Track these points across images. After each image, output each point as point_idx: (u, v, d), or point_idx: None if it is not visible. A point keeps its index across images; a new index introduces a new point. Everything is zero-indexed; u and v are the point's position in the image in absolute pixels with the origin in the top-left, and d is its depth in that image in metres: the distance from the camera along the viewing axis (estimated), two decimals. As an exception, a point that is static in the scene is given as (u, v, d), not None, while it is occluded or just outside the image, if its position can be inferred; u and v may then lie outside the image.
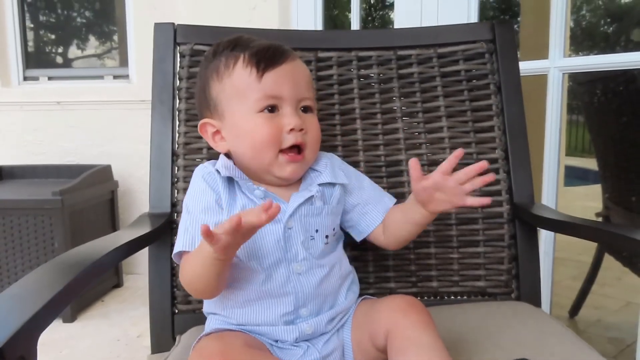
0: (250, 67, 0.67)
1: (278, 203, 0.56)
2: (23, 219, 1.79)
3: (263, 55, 0.67)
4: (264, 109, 0.67)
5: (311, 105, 0.71)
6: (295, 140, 0.67)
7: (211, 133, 0.72)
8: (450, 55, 0.94)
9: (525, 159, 0.92)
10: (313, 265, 0.67)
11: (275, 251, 0.66)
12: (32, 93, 2.33)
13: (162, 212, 0.85)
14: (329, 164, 0.74)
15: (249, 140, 0.68)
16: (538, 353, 0.67)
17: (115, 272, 2.13)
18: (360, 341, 0.67)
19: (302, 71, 0.71)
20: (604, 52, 1.28)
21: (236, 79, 0.68)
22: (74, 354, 1.59)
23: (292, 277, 0.66)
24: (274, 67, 0.67)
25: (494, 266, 0.89)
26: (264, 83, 0.67)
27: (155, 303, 0.84)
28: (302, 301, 0.66)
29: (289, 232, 0.66)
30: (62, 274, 0.51)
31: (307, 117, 0.70)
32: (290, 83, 0.68)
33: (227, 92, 0.69)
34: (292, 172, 0.68)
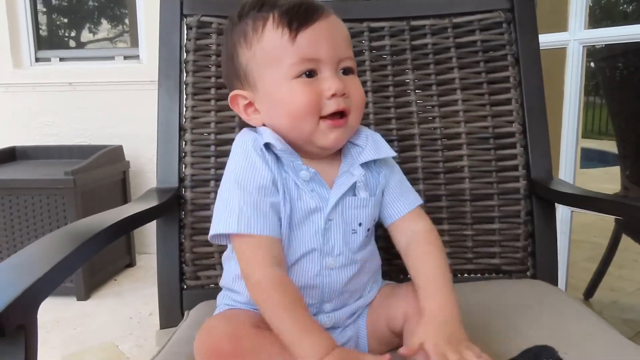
0: (282, 28, 0.59)
1: None
2: (36, 198, 1.80)
3: (295, 13, 0.59)
4: (301, 74, 0.60)
5: (352, 66, 0.63)
6: (338, 106, 0.60)
7: (243, 106, 0.65)
8: (466, 25, 0.90)
9: (543, 133, 0.89)
10: (348, 262, 0.62)
11: (311, 242, 0.61)
12: (44, 74, 2.32)
13: (169, 186, 0.84)
14: (370, 138, 0.67)
15: (286, 109, 0.61)
16: (555, 333, 0.65)
17: (128, 251, 2.15)
18: (376, 325, 0.65)
19: (340, 28, 0.64)
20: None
21: (267, 43, 0.61)
22: (88, 331, 1.61)
23: (323, 272, 0.61)
24: (308, 26, 0.59)
25: (510, 243, 0.87)
26: (299, 45, 0.59)
27: (164, 279, 0.84)
28: (327, 296, 0.62)
29: (329, 224, 0.62)
30: (65, 244, 0.50)
31: (348, 79, 0.62)
32: (327, 43, 0.60)
33: (258, 59, 0.62)
34: (335, 139, 0.62)
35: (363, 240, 0.65)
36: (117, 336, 1.58)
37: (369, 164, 0.66)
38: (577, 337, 0.64)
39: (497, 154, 0.88)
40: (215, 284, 0.84)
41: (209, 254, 0.84)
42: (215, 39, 0.88)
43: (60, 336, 1.58)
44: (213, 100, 0.87)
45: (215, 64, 0.87)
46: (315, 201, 0.61)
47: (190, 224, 0.84)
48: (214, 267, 0.84)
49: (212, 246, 0.84)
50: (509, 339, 0.64)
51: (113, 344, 1.53)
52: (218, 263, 0.84)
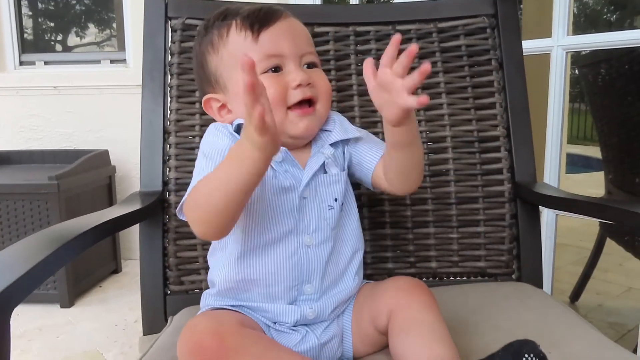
0: (245, 31, 0.65)
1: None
2: (19, 203, 1.77)
3: (255, 17, 0.65)
4: (267, 70, 0.64)
5: (315, 60, 0.68)
6: (304, 94, 0.64)
7: (216, 108, 0.69)
8: (451, 30, 0.91)
9: (527, 136, 0.89)
10: (325, 239, 0.64)
11: (288, 221, 0.63)
12: (28, 78, 2.30)
13: (153, 190, 0.83)
14: (337, 121, 0.70)
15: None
16: (539, 334, 0.65)
17: (114, 257, 2.12)
18: (361, 323, 0.65)
19: (300, 27, 0.68)
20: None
21: (232, 46, 0.65)
22: (71, 339, 1.58)
23: (300, 250, 0.63)
24: (269, 26, 0.64)
25: (495, 246, 0.87)
26: (261, 43, 0.64)
27: (147, 284, 0.82)
28: (306, 276, 0.63)
29: (303, 202, 0.64)
30: (43, 247, 0.49)
31: (313, 72, 0.66)
32: (289, 39, 0.65)
33: (226, 62, 0.66)
34: (306, 128, 0.65)
35: (339, 216, 0.66)
36: (102, 344, 1.55)
37: (336, 143, 0.69)
38: (560, 337, 0.64)
39: (482, 158, 0.88)
40: (200, 289, 0.84)
41: (193, 259, 0.83)
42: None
43: (43, 344, 1.55)
44: (198, 103, 0.86)
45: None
46: (289, 180, 0.63)
47: (174, 228, 0.83)
48: (198, 271, 0.83)
49: (197, 250, 0.83)
50: (492, 338, 0.64)
51: (97, 351, 1.50)
52: (202, 267, 0.83)
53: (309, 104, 0.65)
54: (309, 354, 0.62)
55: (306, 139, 0.67)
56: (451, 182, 0.87)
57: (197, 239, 0.83)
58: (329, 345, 0.64)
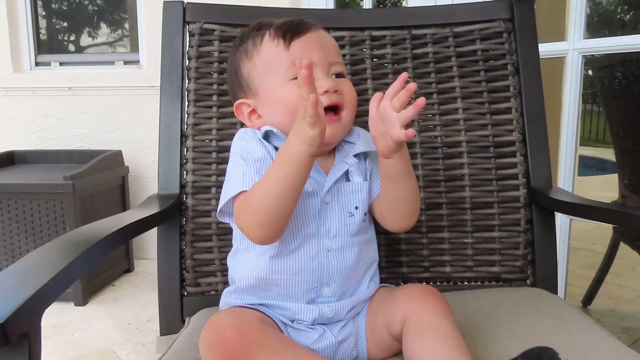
0: (277, 39, 0.68)
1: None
2: (35, 203, 1.80)
3: (288, 27, 0.68)
4: (296, 77, 0.65)
5: (343, 71, 0.71)
6: (330, 100, 0.66)
7: (247, 113, 0.72)
8: (467, 34, 0.91)
9: (543, 142, 0.89)
10: (345, 244, 0.66)
11: (309, 225, 0.65)
12: (43, 79, 2.32)
13: (171, 193, 0.84)
14: (361, 134, 0.71)
15: (285, 107, 0.67)
16: (555, 340, 0.65)
17: (126, 257, 2.14)
18: (375, 328, 0.66)
19: (329, 39, 0.72)
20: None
21: (265, 54, 0.69)
22: (85, 336, 1.61)
23: (321, 253, 0.65)
24: (300, 36, 0.68)
25: (509, 251, 0.87)
26: (292, 51, 0.67)
27: (164, 285, 0.83)
28: (326, 279, 0.65)
29: (325, 207, 0.65)
30: (68, 252, 0.50)
31: (340, 81, 0.69)
32: (318, 49, 0.68)
33: (258, 68, 0.70)
34: (331, 134, 0.65)
35: (360, 225, 0.68)
36: (115, 342, 1.57)
37: (359, 155, 0.70)
38: (577, 344, 0.64)
39: (497, 163, 0.88)
40: (216, 291, 0.85)
41: (209, 261, 0.84)
42: (217, 46, 0.89)
43: (58, 342, 1.57)
44: (215, 107, 0.87)
45: (217, 71, 0.88)
46: (312, 185, 0.65)
47: (191, 231, 0.84)
48: (214, 274, 0.84)
49: (213, 253, 0.84)
50: (508, 344, 0.64)
51: (111, 349, 1.52)
52: (219, 270, 0.84)
53: (334, 111, 0.67)
54: (326, 351, 0.63)
55: (330, 146, 0.69)
56: (466, 187, 0.87)
57: (214, 242, 0.84)
58: (345, 344, 0.65)
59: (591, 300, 1.73)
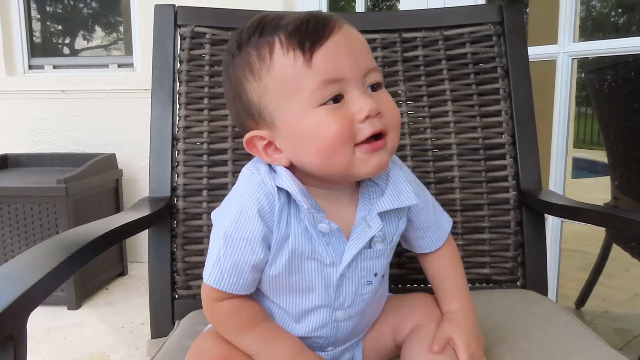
0: (293, 51, 0.50)
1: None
2: (28, 206, 1.79)
3: (304, 31, 0.50)
4: (327, 101, 0.51)
5: (380, 80, 0.54)
6: (374, 129, 0.51)
7: (262, 147, 0.55)
8: (457, 37, 0.92)
9: (532, 144, 0.90)
10: (358, 312, 0.60)
11: (322, 298, 0.57)
12: (37, 82, 2.32)
13: (162, 196, 0.84)
14: (391, 177, 0.59)
15: (316, 144, 0.51)
16: (543, 345, 0.65)
17: (120, 260, 2.14)
18: (380, 335, 0.65)
19: (357, 37, 0.54)
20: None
21: (279, 72, 0.51)
22: (78, 340, 1.60)
23: (331, 324, 0.59)
24: (323, 43, 0.50)
25: (500, 253, 0.88)
26: (317, 67, 0.50)
27: (155, 288, 0.83)
28: (332, 341, 0.62)
29: (341, 279, 0.57)
30: (56, 254, 0.50)
31: (379, 95, 0.53)
32: (349, 57, 0.50)
33: (272, 93, 0.52)
34: (377, 165, 0.52)
35: (378, 288, 0.61)
36: (108, 346, 1.56)
37: (387, 213, 0.58)
38: (565, 349, 0.64)
39: (487, 165, 0.88)
40: (207, 294, 0.84)
41: (200, 264, 0.84)
42: (209, 50, 0.89)
43: (51, 346, 1.56)
44: (206, 110, 0.87)
45: (208, 74, 0.88)
46: (331, 257, 0.55)
47: (182, 234, 0.84)
48: (205, 276, 0.84)
49: (204, 256, 0.83)
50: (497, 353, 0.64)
51: (104, 353, 1.52)
52: (210, 272, 0.84)
53: (376, 136, 0.52)
54: None
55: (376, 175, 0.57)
56: (456, 189, 0.88)
57: (205, 244, 0.84)
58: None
59: (584, 302, 1.73)
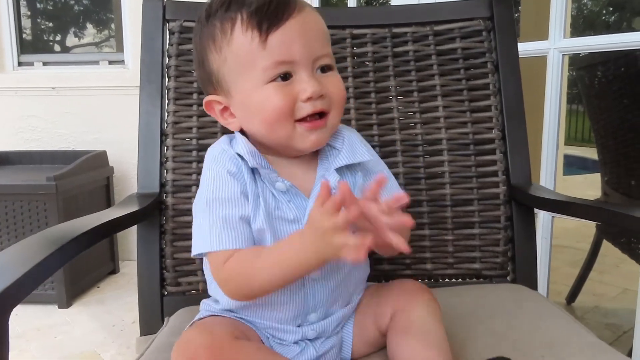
0: (252, 30, 0.56)
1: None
2: (17, 204, 1.78)
3: (264, 13, 0.56)
4: (276, 78, 0.57)
5: (330, 63, 0.60)
6: (314, 108, 0.57)
7: (219, 110, 0.63)
8: (447, 32, 0.92)
9: (522, 139, 0.90)
10: (332, 270, 0.61)
11: None
12: (26, 79, 2.30)
13: (150, 192, 0.83)
14: (346, 139, 0.64)
15: (261, 116, 0.59)
16: (532, 337, 0.66)
17: (112, 258, 2.12)
18: (364, 324, 0.65)
19: (315, 23, 0.60)
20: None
21: (237, 48, 0.58)
22: (69, 339, 1.59)
23: (306, 283, 0.60)
24: (279, 26, 0.56)
25: (490, 248, 0.88)
26: (270, 48, 0.56)
27: (144, 285, 0.83)
28: (312, 307, 0.62)
29: None
30: (40, 249, 0.49)
31: (327, 77, 0.59)
32: (301, 42, 0.57)
33: (230, 65, 0.59)
34: (315, 141, 0.59)
35: None
36: (100, 344, 1.55)
37: (344, 169, 0.64)
38: (554, 340, 0.65)
39: (477, 160, 0.89)
40: (197, 290, 0.84)
41: (190, 260, 0.84)
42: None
43: (41, 345, 1.55)
44: (195, 105, 0.86)
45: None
46: (293, 212, 0.60)
47: (172, 230, 0.83)
48: (195, 273, 0.84)
49: (193, 252, 0.83)
50: (484, 343, 0.65)
51: (95, 352, 1.51)
52: (199, 269, 0.83)
53: (319, 115, 0.59)
54: None
55: (314, 150, 0.63)
56: (446, 184, 0.88)
57: (194, 241, 0.83)
58: (327, 356, 0.63)
59: (575, 297, 1.75)
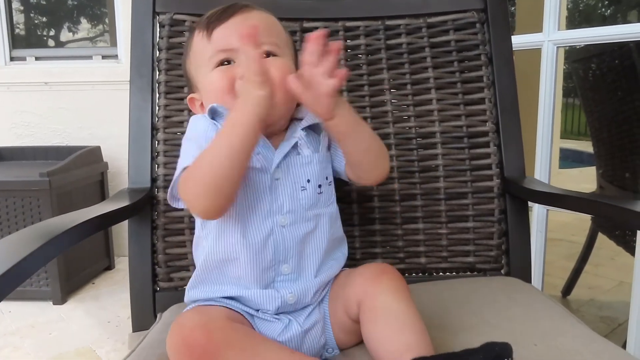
0: (202, 31, 0.68)
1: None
2: (10, 200, 1.77)
3: (212, 16, 0.68)
4: (219, 65, 0.66)
5: (273, 49, 0.67)
6: None
7: (198, 106, 0.73)
8: (440, 25, 0.91)
9: (516, 132, 0.89)
10: (299, 219, 0.64)
11: (262, 202, 0.63)
12: (19, 74, 2.28)
13: (141, 187, 0.82)
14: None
15: (212, 95, 0.67)
16: (525, 328, 0.66)
17: (107, 254, 2.12)
18: (336, 313, 0.65)
19: (259, 19, 0.69)
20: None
21: (194, 47, 0.70)
22: (64, 335, 1.58)
23: (275, 229, 0.63)
24: (222, 23, 0.67)
25: (484, 241, 0.87)
26: (213, 40, 0.67)
27: (136, 281, 0.82)
28: (283, 255, 0.63)
29: (275, 183, 0.64)
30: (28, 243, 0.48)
31: (268, 61, 0.64)
32: (240, 32, 0.62)
33: (193, 63, 0.71)
34: None
35: (315, 197, 0.66)
36: (95, 340, 1.55)
37: (312, 128, 0.69)
38: (546, 330, 0.65)
39: (471, 153, 0.88)
40: (189, 285, 0.83)
41: (182, 255, 0.83)
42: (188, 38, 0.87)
43: (35, 341, 1.54)
44: (186, 99, 0.85)
45: (188, 63, 0.87)
46: (261, 162, 0.64)
47: (163, 225, 0.83)
48: (187, 268, 0.83)
49: (185, 247, 0.83)
50: (478, 332, 0.65)
51: (90, 348, 1.50)
52: (191, 264, 0.83)
53: None
54: (292, 342, 0.62)
55: (272, 127, 0.66)
56: (440, 177, 0.87)
57: (186, 236, 0.83)
58: (311, 332, 0.64)
59: (570, 291, 1.75)
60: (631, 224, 0.93)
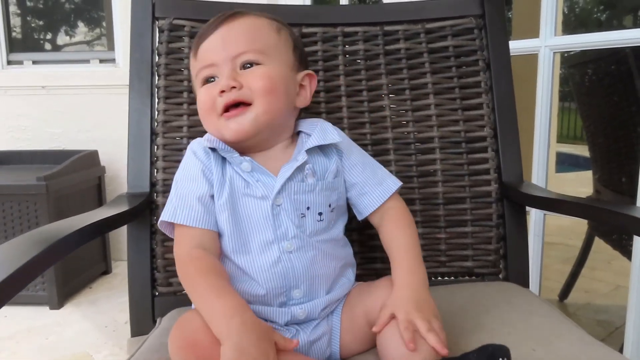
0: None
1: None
2: (7, 204, 1.76)
3: (200, 34, 0.69)
4: (205, 82, 0.67)
5: (252, 58, 0.65)
6: (227, 99, 0.64)
7: None
8: (438, 30, 0.91)
9: (514, 137, 0.90)
10: (305, 244, 0.64)
11: (264, 228, 0.63)
12: (16, 77, 2.28)
13: (140, 191, 0.82)
14: (319, 126, 0.69)
15: (201, 116, 0.69)
16: (523, 332, 0.66)
17: (104, 258, 2.11)
18: (354, 319, 0.65)
19: (240, 28, 0.67)
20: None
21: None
22: (61, 340, 1.58)
23: (282, 257, 0.63)
24: (206, 38, 0.67)
25: (482, 246, 0.88)
26: (198, 57, 0.68)
27: (135, 285, 0.82)
28: (293, 282, 0.63)
29: (277, 209, 0.63)
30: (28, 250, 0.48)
31: (247, 72, 0.65)
32: (220, 46, 0.66)
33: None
34: (236, 129, 0.64)
35: (317, 225, 0.66)
36: (91, 345, 1.54)
37: (317, 150, 0.68)
38: (544, 335, 0.65)
39: (469, 158, 0.88)
40: (188, 290, 0.83)
41: (181, 260, 0.83)
42: (187, 43, 0.87)
43: (32, 346, 1.54)
44: (185, 104, 0.86)
45: (187, 68, 0.87)
46: (261, 190, 0.64)
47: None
48: (186, 272, 0.83)
49: (185, 252, 0.83)
50: (477, 338, 0.65)
51: (87, 353, 1.50)
52: (190, 269, 0.83)
53: (236, 106, 0.65)
54: (298, 351, 0.62)
55: (248, 140, 0.66)
56: (438, 182, 0.88)
57: (185, 240, 0.82)
58: (318, 344, 0.64)
59: (567, 295, 1.75)
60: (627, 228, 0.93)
